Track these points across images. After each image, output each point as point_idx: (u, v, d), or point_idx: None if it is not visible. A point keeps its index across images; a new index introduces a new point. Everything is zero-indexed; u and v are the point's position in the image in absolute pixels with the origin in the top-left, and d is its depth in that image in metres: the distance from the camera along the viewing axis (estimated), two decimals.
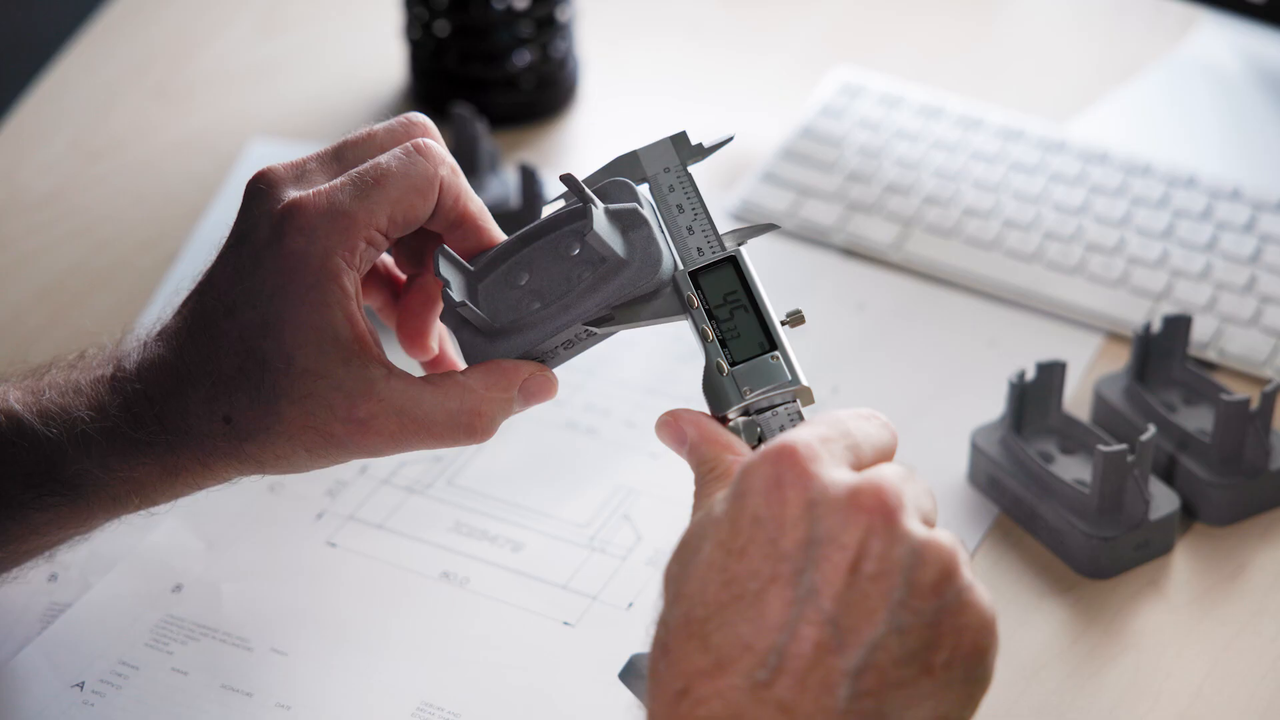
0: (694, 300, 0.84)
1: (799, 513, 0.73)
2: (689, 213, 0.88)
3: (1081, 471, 1.06)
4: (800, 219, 1.29)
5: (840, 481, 0.74)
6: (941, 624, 0.73)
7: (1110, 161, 1.30)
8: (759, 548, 0.73)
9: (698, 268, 0.85)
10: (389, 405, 0.84)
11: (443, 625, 1.00)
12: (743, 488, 0.74)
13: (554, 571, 1.03)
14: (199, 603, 1.00)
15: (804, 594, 0.72)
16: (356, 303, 0.84)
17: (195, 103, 1.41)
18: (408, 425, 0.84)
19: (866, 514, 0.73)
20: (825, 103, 1.36)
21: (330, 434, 0.84)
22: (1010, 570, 1.04)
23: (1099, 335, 1.20)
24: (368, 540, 1.05)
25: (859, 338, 1.21)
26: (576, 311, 0.85)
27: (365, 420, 0.84)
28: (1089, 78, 1.42)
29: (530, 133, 1.38)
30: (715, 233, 0.87)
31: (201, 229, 1.28)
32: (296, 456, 0.85)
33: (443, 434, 0.84)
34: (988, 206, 1.28)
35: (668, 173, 0.89)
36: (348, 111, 1.40)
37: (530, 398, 0.86)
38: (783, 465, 0.74)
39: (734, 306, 0.84)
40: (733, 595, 0.73)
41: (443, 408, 0.84)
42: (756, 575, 0.73)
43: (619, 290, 0.85)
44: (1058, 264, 1.24)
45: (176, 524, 1.04)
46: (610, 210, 0.86)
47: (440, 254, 0.87)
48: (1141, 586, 1.03)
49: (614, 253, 0.84)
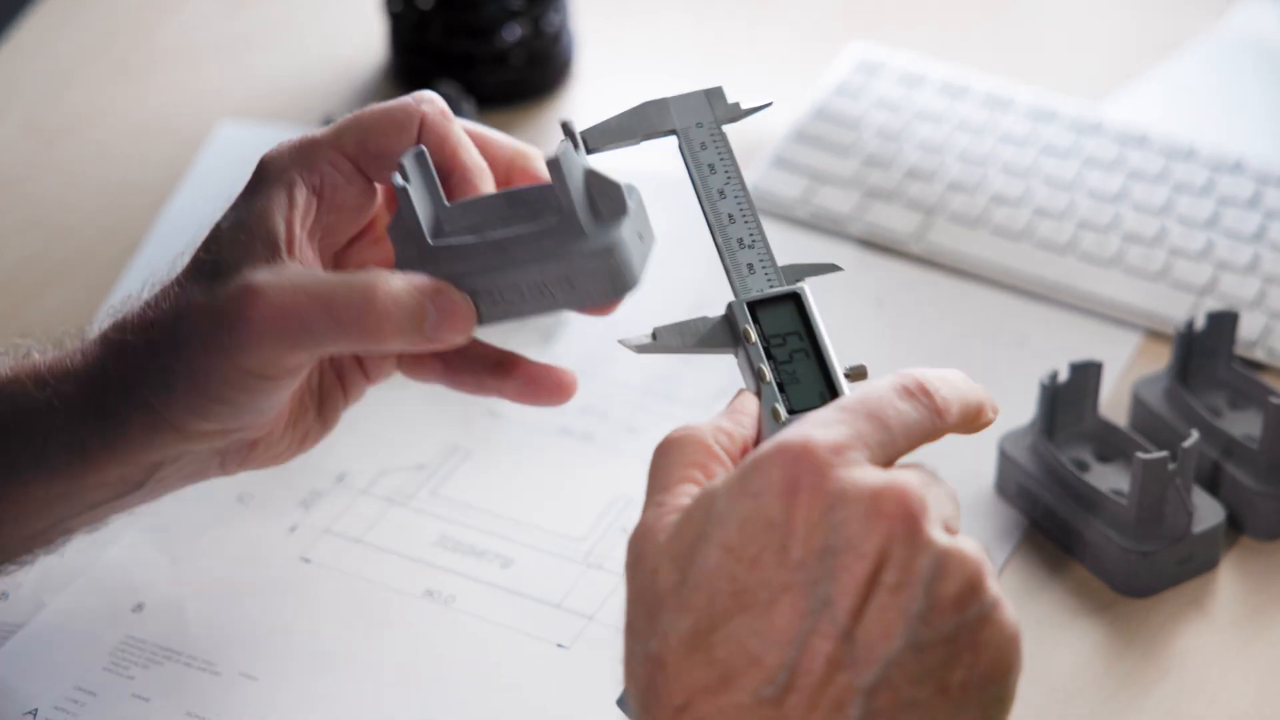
0: (750, 334, 0.83)
1: (817, 518, 0.73)
2: (721, 174, 0.86)
3: (1119, 481, 1.06)
4: (813, 207, 1.29)
5: (862, 483, 0.73)
6: (960, 640, 0.73)
7: (1150, 144, 1.30)
8: (772, 555, 0.73)
9: (754, 299, 0.84)
10: (288, 275, 0.85)
11: (426, 647, 1.00)
12: (755, 486, 0.74)
13: (546, 589, 1.03)
14: (162, 623, 1.00)
15: (818, 605, 0.72)
16: (304, 216, 0.87)
17: (159, 81, 1.41)
18: (300, 295, 0.84)
19: (888, 520, 0.73)
20: (840, 81, 1.36)
21: (225, 314, 0.84)
22: (1041, 588, 1.04)
23: (1138, 333, 1.20)
24: (345, 555, 1.05)
25: (877, 336, 1.21)
26: (509, 256, 0.84)
27: (260, 289, 0.84)
28: (1127, 54, 1.42)
29: (521, 113, 1.38)
30: (752, 207, 0.85)
31: (166, 216, 1.28)
32: (202, 378, 0.85)
33: (338, 309, 0.84)
34: (1017, 193, 1.28)
35: (700, 128, 0.87)
36: (323, 90, 1.40)
37: (443, 318, 0.85)
38: (801, 468, 0.73)
39: (794, 349, 0.83)
40: (741, 606, 0.73)
41: (344, 279, 0.85)
42: (768, 585, 0.73)
43: (561, 268, 0.83)
44: (1093, 256, 1.24)
45: (137, 538, 1.04)
46: (594, 172, 0.84)
47: (414, 156, 0.86)
48: (1183, 605, 1.03)
49: (570, 203, 0.83)
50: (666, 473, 0.78)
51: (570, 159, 0.83)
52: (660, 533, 0.75)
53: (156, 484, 0.91)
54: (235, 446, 0.90)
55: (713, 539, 0.74)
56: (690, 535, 0.74)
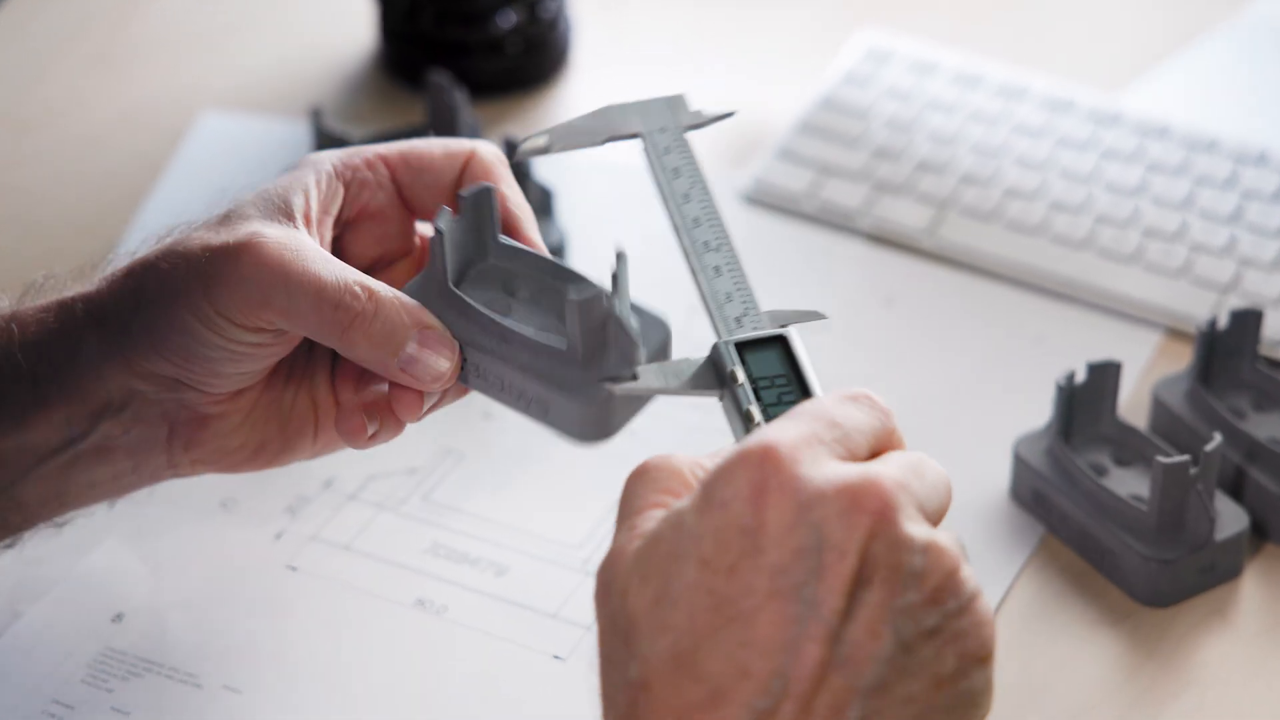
0: (738, 375, 0.84)
1: (792, 519, 0.73)
2: (686, 178, 0.88)
3: (1138, 486, 1.06)
4: (820, 201, 1.29)
5: (834, 479, 0.74)
6: (944, 632, 0.74)
7: (1171, 136, 1.30)
8: (750, 561, 0.73)
9: (741, 340, 0.85)
10: (296, 238, 0.87)
11: (417, 659, 1.00)
12: (721, 496, 0.74)
13: (543, 599, 1.03)
14: (142, 634, 1.00)
15: (804, 609, 0.72)
16: (326, 197, 0.90)
17: (138, 70, 1.41)
18: (297, 260, 0.86)
19: (868, 515, 0.73)
20: (849, 69, 1.36)
21: (220, 249, 0.87)
22: (1058, 597, 1.04)
23: (1158, 332, 1.20)
24: (333, 563, 1.05)
25: (886, 335, 1.21)
26: (506, 348, 0.86)
27: (264, 236, 0.86)
28: (1147, 41, 1.42)
29: (516, 103, 1.38)
30: (716, 211, 0.87)
31: (147, 212, 1.28)
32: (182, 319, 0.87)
33: (325, 290, 0.86)
34: (1032, 187, 1.28)
35: (664, 133, 0.89)
36: (310, 80, 1.40)
37: (421, 355, 0.87)
38: (766, 469, 0.74)
39: (781, 391, 0.84)
40: (726, 619, 0.73)
41: (337, 271, 0.87)
42: (751, 592, 0.73)
43: (542, 390, 0.85)
44: (1111, 252, 1.24)
45: (116, 545, 1.04)
46: (618, 320, 0.84)
47: (477, 191, 0.88)
48: (1206, 615, 1.03)
49: (575, 345, 0.84)
50: (637, 498, 0.79)
51: (591, 306, 0.84)
52: (628, 557, 0.75)
53: (104, 456, 0.91)
54: (184, 419, 0.91)
55: (687, 555, 0.74)
56: (661, 554, 0.75)
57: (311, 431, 0.94)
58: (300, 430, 0.93)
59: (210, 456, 0.92)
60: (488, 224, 0.89)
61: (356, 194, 0.92)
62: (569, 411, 0.85)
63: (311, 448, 0.94)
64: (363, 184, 0.92)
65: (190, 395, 0.90)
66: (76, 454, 0.90)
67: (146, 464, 0.92)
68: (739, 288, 0.86)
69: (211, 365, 0.88)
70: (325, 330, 0.87)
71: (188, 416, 0.90)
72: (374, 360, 0.87)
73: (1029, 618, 1.03)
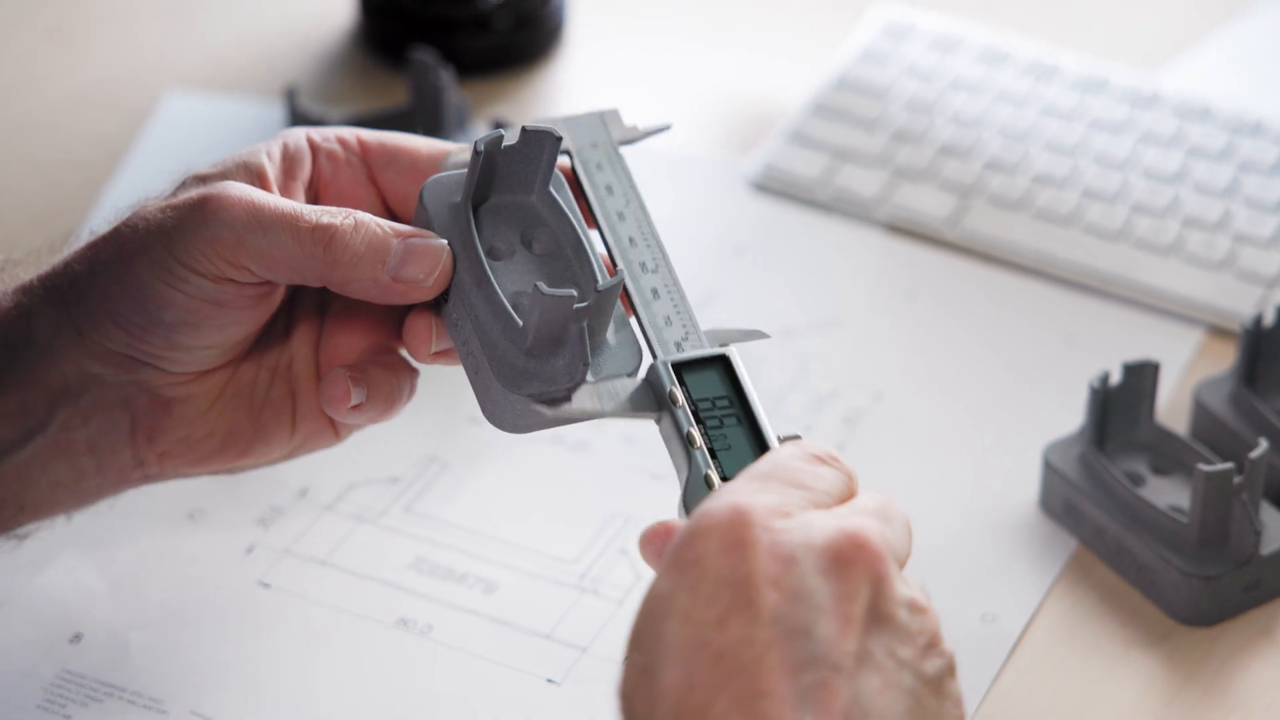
0: (677, 397, 0.85)
1: (778, 568, 0.74)
2: (620, 196, 0.90)
3: (1178, 496, 1.06)
4: (835, 189, 1.29)
5: (817, 530, 0.75)
6: (941, 692, 0.76)
7: (1213, 118, 1.30)
8: (740, 612, 0.74)
9: (680, 361, 0.86)
10: (251, 186, 0.89)
11: (399, 684, 1.00)
12: (693, 555, 0.75)
13: (535, 618, 1.03)
14: (103, 655, 1.00)
15: (810, 658, 0.73)
16: (293, 164, 0.91)
17: (97, 45, 1.41)
18: (266, 199, 0.88)
19: (860, 566, 0.75)
20: (865, 46, 1.36)
21: (181, 206, 0.88)
22: (1092, 615, 1.04)
23: (1199, 330, 1.21)
24: (308, 579, 1.05)
25: (906, 333, 1.21)
26: (477, 291, 0.87)
27: (227, 188, 0.88)
28: (1187, 15, 1.42)
29: (506, 83, 1.38)
30: (652, 230, 0.89)
31: (107, 200, 1.28)
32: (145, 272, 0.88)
33: (301, 217, 0.87)
34: (1063, 173, 1.28)
35: (595, 148, 0.91)
36: (283, 57, 1.40)
37: (408, 254, 0.88)
38: (738, 529, 0.75)
39: (724, 414, 0.85)
40: (730, 671, 0.73)
41: (308, 205, 0.88)
42: (750, 642, 0.73)
43: (481, 357, 0.86)
44: (1149, 243, 1.24)
45: (75, 560, 1.04)
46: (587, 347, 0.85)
47: (544, 136, 0.89)
48: (1251, 635, 1.03)
49: (528, 331, 0.85)
50: None
51: (556, 305, 0.84)
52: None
53: (65, 450, 0.91)
54: (146, 404, 0.91)
55: (663, 615, 0.75)
56: (641, 627, 0.75)
57: (289, 422, 0.94)
58: (275, 419, 0.94)
59: (177, 447, 0.92)
60: (538, 167, 0.89)
61: (324, 165, 0.92)
62: (491, 389, 0.86)
63: (289, 442, 0.94)
64: (331, 156, 0.92)
65: (150, 376, 0.90)
66: (36, 449, 0.91)
67: (111, 462, 0.92)
68: (678, 311, 0.88)
69: (170, 335, 0.88)
70: (307, 258, 0.87)
71: (149, 402, 0.91)
72: (364, 278, 0.88)
73: (1059, 639, 1.03)
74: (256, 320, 0.90)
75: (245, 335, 0.91)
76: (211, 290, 0.88)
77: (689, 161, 1.31)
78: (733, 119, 1.31)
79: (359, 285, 0.88)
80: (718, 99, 1.36)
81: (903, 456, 1.13)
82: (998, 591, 1.05)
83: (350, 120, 1.23)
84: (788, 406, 1.15)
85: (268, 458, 0.95)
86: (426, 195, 0.89)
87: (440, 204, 0.89)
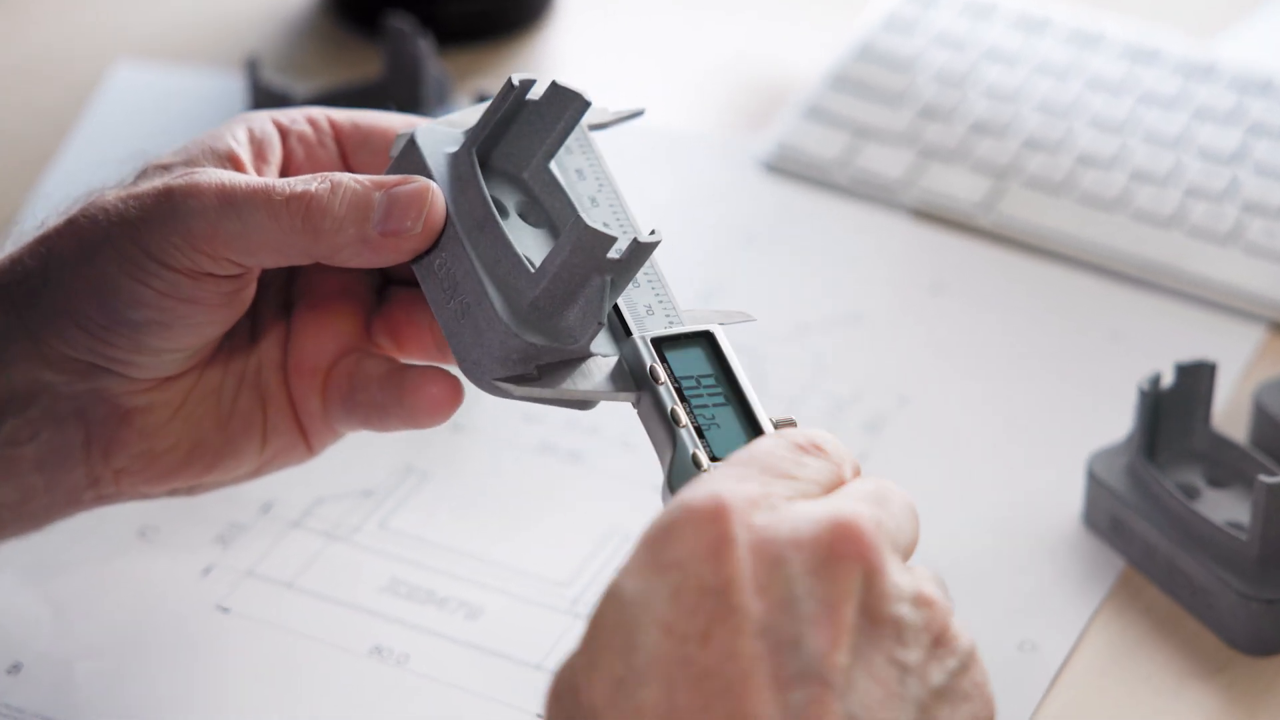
0: (659, 373, 0.85)
1: (764, 571, 0.74)
2: (592, 181, 0.90)
3: (1236, 510, 1.06)
4: (856, 170, 1.29)
5: (804, 521, 0.75)
6: (953, 693, 0.76)
7: (1274, 92, 1.30)
8: (723, 623, 0.74)
9: (661, 336, 0.86)
10: (220, 171, 0.89)
11: (373, 717, 1.00)
12: (671, 557, 0.75)
13: (523, 646, 1.03)
14: (44, 687, 1.00)
15: (800, 672, 0.73)
16: (263, 145, 0.91)
17: (41, 15, 1.41)
18: (236, 178, 0.88)
19: (851, 561, 0.74)
20: (890, 12, 1.36)
21: (142, 195, 0.88)
22: (1142, 643, 1.05)
23: (1260, 326, 1.21)
24: (272, 604, 1.05)
25: (934, 330, 1.21)
26: (476, 237, 0.87)
27: (192, 175, 0.88)
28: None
29: (490, 53, 1.39)
30: (627, 216, 0.89)
31: (50, 181, 1.28)
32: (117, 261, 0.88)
33: (274, 189, 0.87)
34: (1110, 153, 1.28)
35: None
36: (244, 25, 1.40)
37: (391, 205, 0.88)
38: (720, 525, 0.75)
39: (710, 393, 0.86)
40: (714, 691, 0.73)
41: (277, 181, 0.89)
42: (735, 657, 0.73)
43: (475, 302, 0.86)
44: (1204, 230, 1.24)
45: (13, 582, 1.04)
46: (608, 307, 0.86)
47: (569, 97, 0.89)
48: None
49: (549, 274, 0.85)
50: None
51: (594, 240, 0.84)
52: (568, 658, 0.76)
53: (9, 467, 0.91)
54: (102, 415, 0.91)
55: (640, 622, 0.74)
56: (606, 630, 0.75)
57: (258, 433, 0.94)
58: (244, 430, 0.94)
59: (136, 463, 0.92)
60: (550, 133, 0.90)
61: (295, 148, 0.92)
62: (486, 337, 0.86)
63: (259, 455, 0.94)
64: (302, 138, 0.93)
65: (109, 383, 0.90)
66: None
67: (61, 481, 0.92)
68: (660, 299, 0.88)
69: (138, 336, 0.88)
70: (288, 233, 0.87)
71: (106, 413, 0.91)
72: (351, 241, 0.88)
73: (1105, 667, 1.03)
74: (228, 320, 0.90)
75: (216, 336, 0.91)
76: (188, 287, 0.88)
77: (694, 141, 1.31)
78: (742, 93, 1.31)
79: (348, 251, 0.88)
80: (725, 71, 1.36)
81: (930, 467, 1.13)
82: (1037, 617, 1.05)
83: (320, 94, 1.23)
84: (802, 411, 1.15)
85: (234, 474, 0.95)
86: (421, 139, 0.89)
87: (437, 151, 0.89)
